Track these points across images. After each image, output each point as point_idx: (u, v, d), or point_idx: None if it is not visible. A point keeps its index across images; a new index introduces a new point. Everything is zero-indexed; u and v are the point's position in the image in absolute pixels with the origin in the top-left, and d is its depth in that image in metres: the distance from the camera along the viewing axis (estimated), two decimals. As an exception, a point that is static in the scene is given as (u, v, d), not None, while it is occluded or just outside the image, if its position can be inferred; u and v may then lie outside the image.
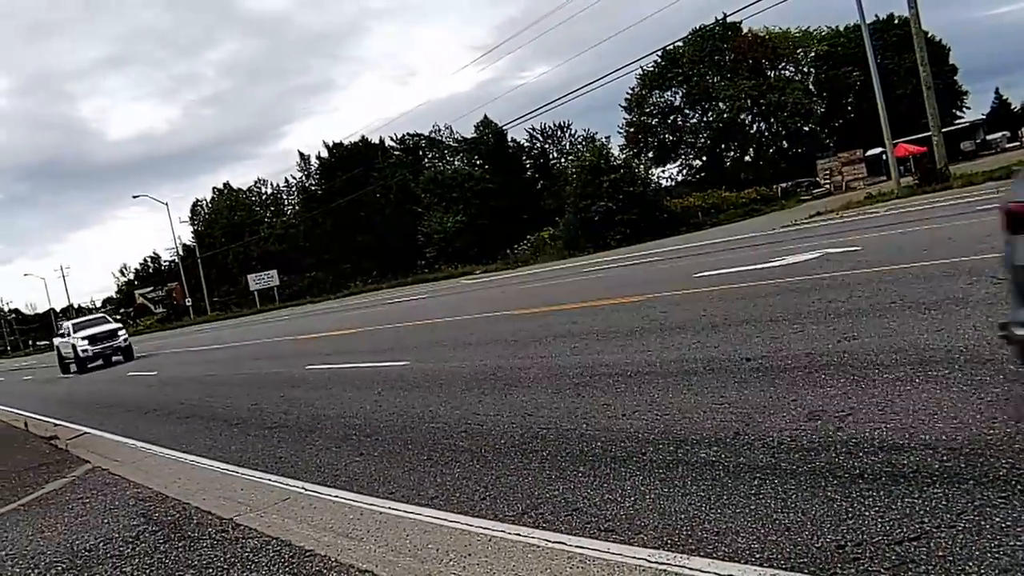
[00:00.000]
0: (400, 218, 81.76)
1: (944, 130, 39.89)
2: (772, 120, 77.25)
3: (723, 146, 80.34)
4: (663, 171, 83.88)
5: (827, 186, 59.54)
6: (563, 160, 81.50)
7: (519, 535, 4.64)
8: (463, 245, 70.94)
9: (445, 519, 5.22)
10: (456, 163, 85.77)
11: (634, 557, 4.00)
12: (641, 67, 76.80)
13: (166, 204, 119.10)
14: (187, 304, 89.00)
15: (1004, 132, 72.94)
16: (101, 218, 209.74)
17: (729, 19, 69.17)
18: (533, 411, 7.68)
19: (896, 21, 75.79)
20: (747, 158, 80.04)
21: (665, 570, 3.80)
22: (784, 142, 79.78)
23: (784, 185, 64.58)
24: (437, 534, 4.96)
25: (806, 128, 79.21)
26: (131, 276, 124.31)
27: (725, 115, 76.52)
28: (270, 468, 7.92)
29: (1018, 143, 68.59)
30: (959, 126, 72.65)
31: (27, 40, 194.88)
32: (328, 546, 5.19)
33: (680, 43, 75.02)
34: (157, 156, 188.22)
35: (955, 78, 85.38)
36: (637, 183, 52.91)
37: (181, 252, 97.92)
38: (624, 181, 50.92)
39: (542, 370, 9.67)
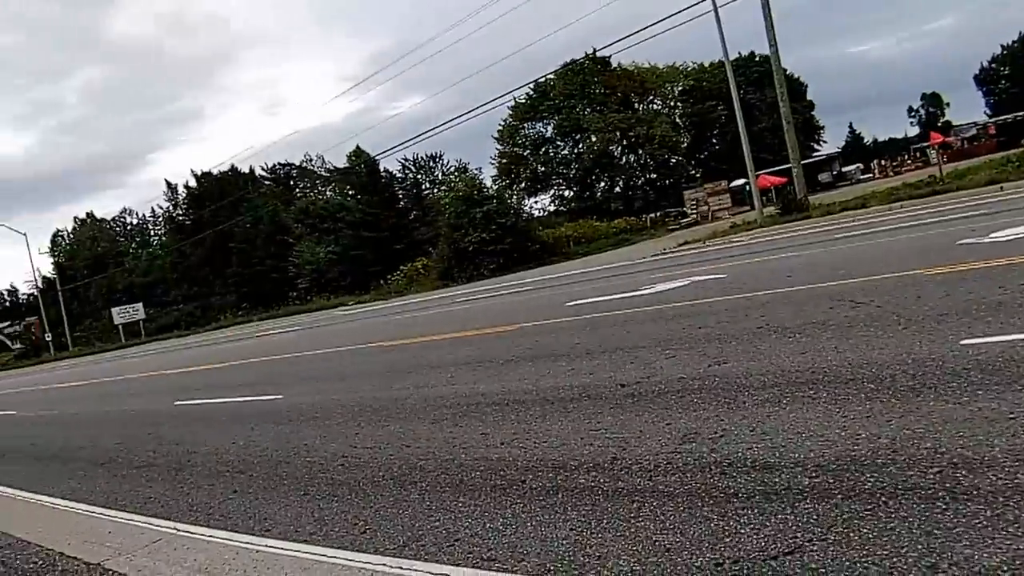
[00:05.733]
0: (271, 249, 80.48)
1: (803, 162, 41.63)
2: (641, 151, 79.15)
3: (594, 177, 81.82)
4: (535, 202, 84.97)
5: (694, 216, 61.15)
6: (436, 190, 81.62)
7: (400, 568, 4.58)
8: (336, 276, 70.25)
9: (324, 555, 5.11)
10: (328, 193, 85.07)
11: (517, 584, 3.96)
12: (514, 98, 77.86)
13: (24, 234, 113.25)
14: (47, 339, 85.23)
15: (858, 164, 76.77)
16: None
17: (599, 54, 70.89)
18: (411, 442, 7.61)
19: (757, 58, 79.09)
20: (617, 188, 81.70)
21: (548, 595, 3.76)
22: (652, 173, 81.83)
23: (653, 215, 66.17)
24: (317, 571, 4.86)
25: (673, 160, 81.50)
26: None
27: (595, 147, 77.99)
28: (139, 509, 7.62)
29: (871, 175, 72.14)
30: (817, 158, 76.13)
31: None
32: (202, 587, 4.97)
33: (552, 76, 76.34)
34: (15, 184, 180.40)
35: (812, 113, 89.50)
36: (510, 213, 53.40)
37: (41, 285, 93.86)
38: (497, 212, 51.33)
39: (418, 401, 9.60)
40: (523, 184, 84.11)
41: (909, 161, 75.69)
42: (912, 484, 4.07)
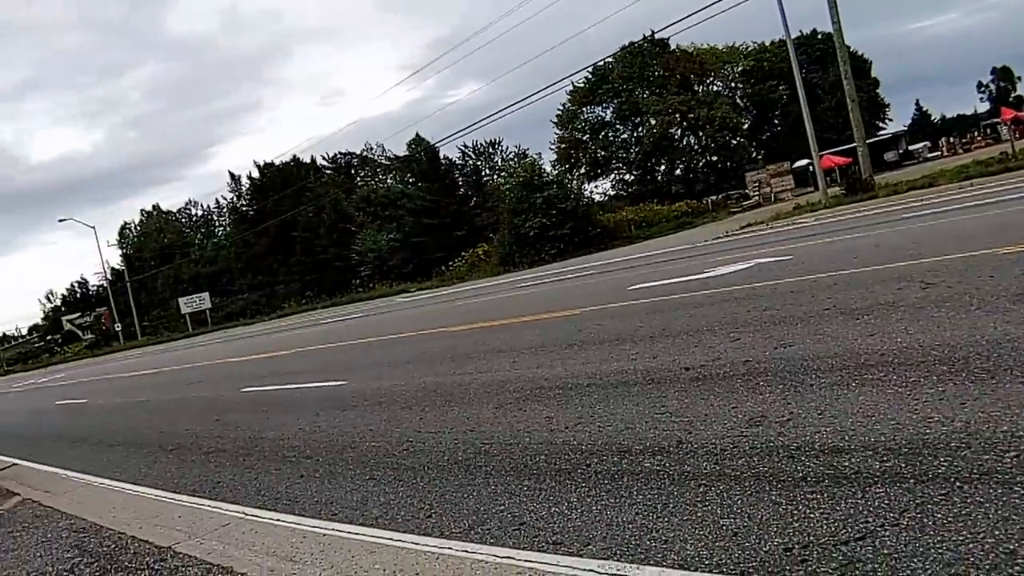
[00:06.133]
0: (334, 237, 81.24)
1: (868, 141, 40.84)
2: (701, 134, 78.27)
3: (654, 160, 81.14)
4: (595, 186, 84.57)
5: (756, 198, 60.27)
6: (496, 177, 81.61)
7: (467, 551, 4.60)
8: (398, 263, 70.67)
9: (391, 538, 5.15)
10: (389, 181, 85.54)
11: (584, 569, 3.99)
12: (572, 83, 77.48)
13: (93, 227, 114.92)
14: (116, 329, 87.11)
15: (925, 142, 75.13)
16: (25, 243, 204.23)
17: (657, 36, 70.22)
18: (475, 427, 7.64)
19: (819, 36, 77.66)
20: (677, 171, 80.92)
21: (615, 580, 3.78)
22: (713, 155, 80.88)
23: (714, 197, 65.42)
24: (383, 554, 4.89)
25: (734, 141, 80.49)
26: (58, 302, 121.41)
27: (655, 130, 77.34)
28: (208, 494, 7.77)
29: (939, 153, 70.57)
30: (882, 137, 74.60)
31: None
32: (271, 571, 5.09)
33: (610, 59, 75.81)
34: (82, 179, 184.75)
35: (877, 90, 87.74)
36: (570, 198, 53.21)
37: (110, 276, 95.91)
38: (557, 197, 51.19)
39: (482, 386, 9.62)
40: (583, 169, 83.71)
41: (979, 138, 73.86)
42: (988, 468, 3.97)
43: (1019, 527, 3.36)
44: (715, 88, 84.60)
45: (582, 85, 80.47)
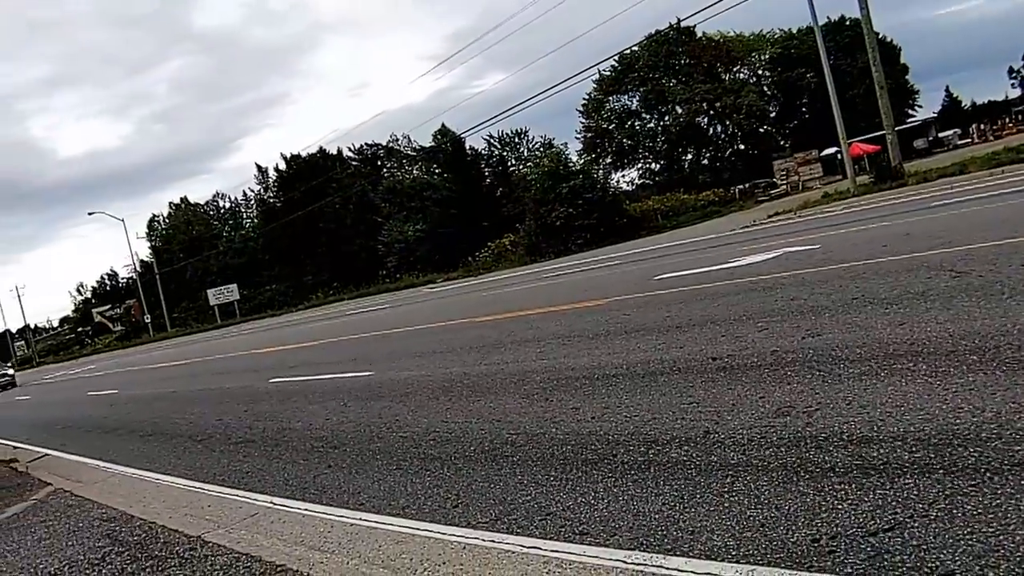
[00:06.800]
0: (360, 228, 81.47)
1: (897, 128, 40.42)
2: (728, 122, 77.83)
3: (680, 149, 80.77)
4: (622, 175, 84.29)
5: (784, 186, 59.80)
6: (522, 167, 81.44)
7: (493, 541, 4.61)
8: (424, 253, 70.72)
9: (417, 528, 5.17)
10: (415, 172, 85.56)
11: (610, 559, 3.99)
12: (599, 71, 77.24)
13: (122, 220, 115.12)
14: (146, 321, 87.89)
15: (955, 129, 74.15)
16: (55, 237, 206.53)
17: (683, 23, 69.82)
18: (501, 417, 7.64)
19: (847, 22, 76.72)
20: (704, 160, 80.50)
21: (642, 571, 3.80)
22: (740, 144, 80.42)
23: (742, 186, 65.01)
24: (410, 543, 4.92)
25: (762, 129, 79.95)
26: (88, 294, 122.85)
27: (682, 118, 76.97)
28: (237, 484, 7.83)
29: (969, 140, 69.74)
30: (911, 124, 73.81)
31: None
32: (299, 560, 5.13)
33: (636, 48, 75.45)
34: (111, 173, 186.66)
35: (906, 77, 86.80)
36: (596, 188, 53.06)
37: (139, 268, 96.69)
38: (583, 186, 51.07)
39: (509, 376, 9.62)
40: (609, 158, 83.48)
41: (1010, 124, 72.79)
42: (1019, 459, 3.93)
43: (1051, 518, 3.33)
44: (742, 76, 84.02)
45: (608, 74, 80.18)
